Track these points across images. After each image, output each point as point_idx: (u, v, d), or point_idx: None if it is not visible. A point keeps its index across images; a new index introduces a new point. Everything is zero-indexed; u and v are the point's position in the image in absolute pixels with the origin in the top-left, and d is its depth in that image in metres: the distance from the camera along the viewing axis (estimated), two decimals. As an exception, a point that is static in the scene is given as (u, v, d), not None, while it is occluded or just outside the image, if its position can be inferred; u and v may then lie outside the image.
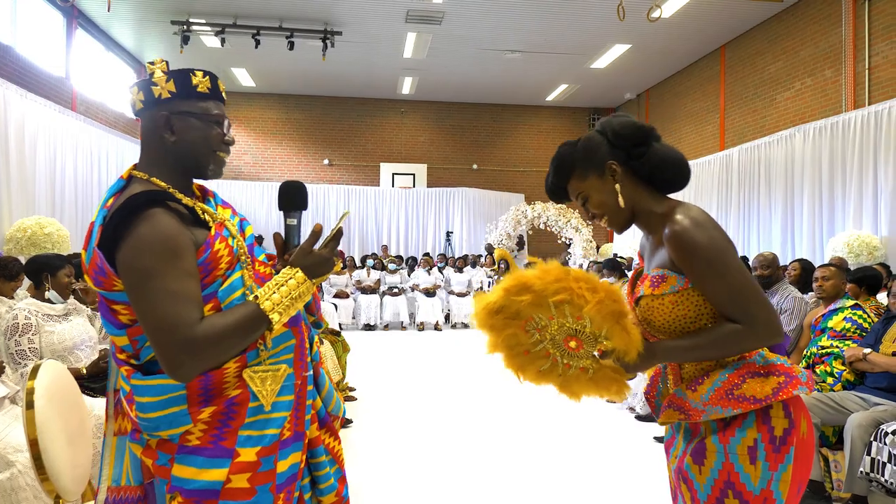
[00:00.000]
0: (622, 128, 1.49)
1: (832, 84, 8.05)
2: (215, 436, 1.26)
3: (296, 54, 10.28)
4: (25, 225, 5.97)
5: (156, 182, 1.34)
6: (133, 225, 1.22)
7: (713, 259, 1.34)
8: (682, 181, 1.49)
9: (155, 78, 1.35)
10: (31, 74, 7.92)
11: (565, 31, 9.88)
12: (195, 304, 1.24)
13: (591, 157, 1.50)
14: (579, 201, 1.55)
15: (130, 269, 1.22)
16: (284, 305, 1.30)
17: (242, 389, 1.28)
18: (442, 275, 11.10)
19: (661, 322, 1.46)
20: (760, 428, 1.35)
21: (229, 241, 1.35)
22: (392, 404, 5.45)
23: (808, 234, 7.44)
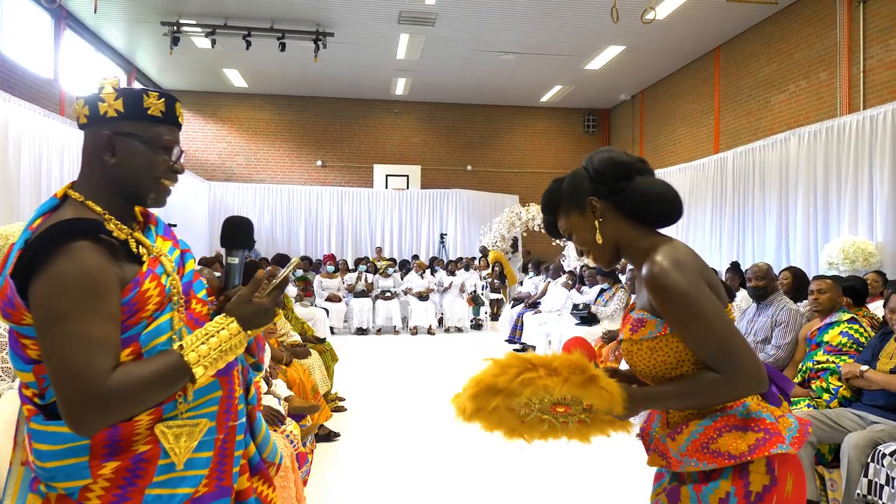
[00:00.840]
0: (601, 164, 1.45)
1: (827, 87, 8.00)
2: (118, 495, 1.15)
3: (288, 55, 10.18)
4: (7, 232, 5.82)
5: (90, 206, 1.23)
6: (52, 257, 1.11)
7: (690, 304, 1.28)
8: (670, 216, 1.44)
9: (103, 94, 1.25)
10: (17, 76, 7.81)
11: (559, 33, 9.81)
12: (109, 352, 1.13)
13: (573, 194, 1.48)
14: (566, 237, 1.54)
15: (42, 307, 1.11)
16: (212, 358, 1.19)
17: (153, 445, 1.17)
18: (434, 278, 11.02)
19: (642, 367, 1.42)
20: (735, 482, 1.29)
21: (162, 280, 1.24)
22: (383, 414, 5.36)
23: (803, 239, 7.38)
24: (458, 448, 4.48)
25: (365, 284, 10.57)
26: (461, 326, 10.71)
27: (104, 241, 1.18)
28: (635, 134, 13.75)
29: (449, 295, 10.84)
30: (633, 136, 13.88)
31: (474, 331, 10.85)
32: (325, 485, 3.73)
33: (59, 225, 1.15)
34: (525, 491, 3.71)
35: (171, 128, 1.31)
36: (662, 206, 1.43)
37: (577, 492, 3.72)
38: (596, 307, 6.91)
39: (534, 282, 10.31)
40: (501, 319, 10.68)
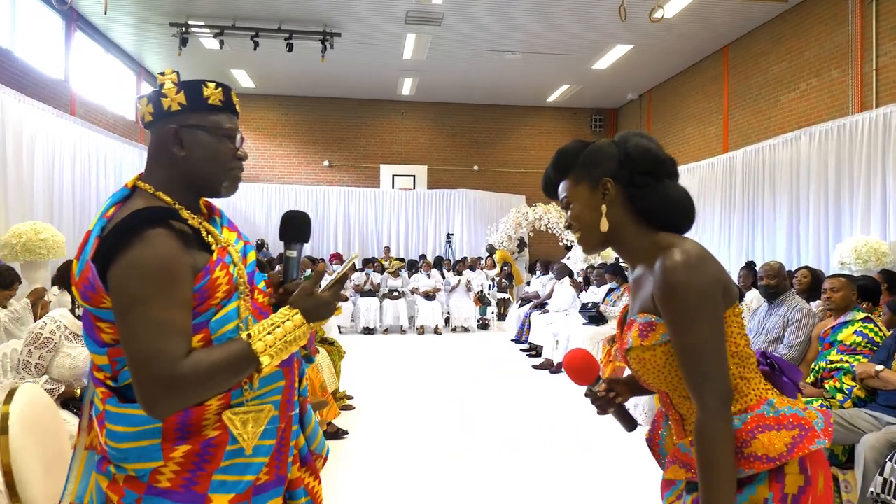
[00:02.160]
0: (636, 151, 1.34)
1: (838, 85, 7.94)
2: (187, 479, 1.18)
3: (295, 56, 10.20)
4: (20, 231, 5.90)
5: (161, 196, 1.27)
6: (131, 243, 1.15)
7: (690, 309, 1.19)
8: (681, 226, 1.35)
9: (165, 89, 1.28)
10: (29, 78, 7.85)
11: (566, 32, 9.79)
12: (183, 337, 1.16)
13: (591, 166, 1.37)
14: (562, 204, 1.44)
15: (121, 291, 1.14)
16: (277, 348, 1.22)
17: (222, 431, 1.20)
18: (442, 277, 11.02)
19: (654, 376, 1.31)
20: (773, 486, 1.20)
21: (230, 269, 1.27)
22: (391, 412, 5.36)
23: (815, 239, 7.33)
24: (465, 446, 4.47)
25: (371, 285, 10.58)
26: (468, 326, 10.70)
27: (178, 229, 1.21)
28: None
29: (455, 295, 10.84)
30: (641, 136, 13.82)
31: (481, 330, 10.84)
32: (334, 482, 3.73)
33: (137, 213, 1.18)
34: (533, 489, 3.70)
35: (231, 115, 1.34)
36: (679, 215, 1.34)
37: (586, 490, 3.71)
38: (604, 307, 6.89)
39: (541, 281, 10.29)
40: (508, 319, 10.67)
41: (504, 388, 6.42)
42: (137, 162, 9.71)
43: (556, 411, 5.50)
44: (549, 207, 12.18)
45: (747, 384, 1.28)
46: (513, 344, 9.25)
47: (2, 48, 7.36)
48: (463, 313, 10.66)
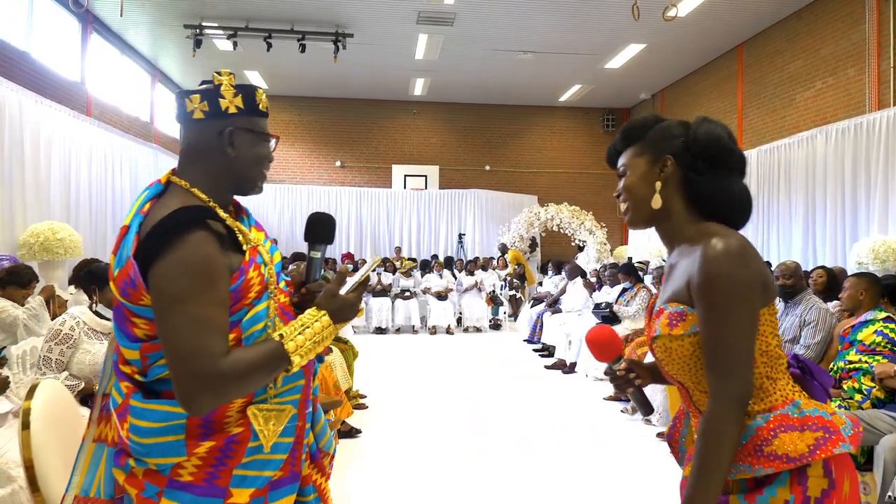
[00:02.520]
0: (704, 135, 1.32)
1: (855, 83, 7.86)
2: (209, 473, 1.20)
3: (307, 57, 10.25)
4: (38, 230, 5.97)
5: (196, 193, 1.30)
6: (174, 243, 1.17)
7: (726, 300, 1.17)
8: (735, 222, 1.32)
9: (223, 90, 1.32)
10: (46, 80, 7.95)
11: (579, 31, 9.76)
12: (223, 335, 1.19)
13: (658, 140, 1.36)
14: (618, 171, 1.42)
15: (163, 290, 1.17)
16: (307, 349, 1.26)
17: (245, 428, 1.23)
18: (454, 278, 11.02)
19: (678, 366, 1.29)
20: (794, 489, 1.17)
21: (261, 269, 1.30)
22: (403, 412, 5.37)
23: (831, 239, 7.25)
24: (478, 446, 4.47)
25: (382, 285, 10.60)
26: (480, 326, 10.70)
27: (215, 230, 1.24)
28: (656, 133, 13.62)
29: (467, 295, 10.83)
30: (653, 136, 13.74)
31: (493, 331, 10.83)
32: (347, 479, 3.74)
33: (179, 213, 1.20)
34: (545, 489, 3.69)
35: (266, 120, 1.41)
36: (732, 210, 1.32)
37: (598, 490, 3.69)
38: (618, 307, 6.86)
39: (553, 281, 10.26)
40: (520, 319, 10.65)
41: (516, 388, 6.41)
42: (152, 162, 9.79)
43: (569, 411, 5.48)
44: (561, 208, 12.14)
45: (773, 384, 1.25)
46: (525, 344, 9.24)
47: (19, 50, 7.45)
48: (475, 313, 10.66)
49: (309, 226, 1.47)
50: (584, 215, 12.00)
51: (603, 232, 11.94)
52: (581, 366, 7.03)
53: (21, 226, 6.19)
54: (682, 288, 1.27)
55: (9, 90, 6.20)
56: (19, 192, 6.28)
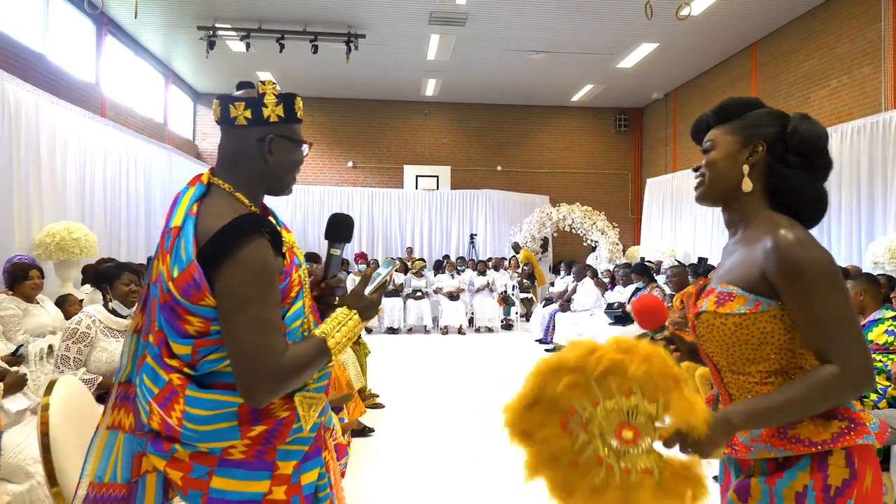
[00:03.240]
0: (807, 130, 1.34)
1: (871, 81, 7.78)
2: (259, 450, 1.32)
3: (320, 57, 10.29)
4: (54, 230, 6.04)
5: (239, 197, 1.38)
6: (239, 249, 1.26)
7: (822, 282, 1.20)
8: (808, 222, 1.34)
9: (266, 99, 1.39)
10: (62, 81, 8.05)
11: (591, 31, 9.73)
12: (281, 334, 1.31)
13: (755, 124, 1.37)
14: (704, 146, 1.44)
15: (231, 293, 1.26)
16: (343, 344, 1.39)
17: (290, 412, 1.34)
18: (453, 277, 11.02)
19: (719, 343, 1.32)
20: (814, 474, 1.19)
21: (298, 270, 1.42)
22: (416, 411, 5.38)
23: (846, 239, 7.18)
24: (490, 446, 4.47)
25: (394, 285, 10.61)
26: (491, 326, 10.69)
27: (269, 234, 1.32)
28: (668, 133, 13.56)
29: (479, 295, 10.83)
30: (665, 136, 13.69)
31: (505, 331, 10.81)
32: (360, 478, 3.75)
33: (242, 220, 1.29)
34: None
35: (301, 125, 1.49)
36: (810, 210, 1.34)
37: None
38: (630, 306, 6.83)
39: (565, 281, 10.23)
40: (532, 319, 10.63)
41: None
42: (165, 163, 9.86)
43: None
44: (573, 208, 12.11)
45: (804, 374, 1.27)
46: (537, 344, 9.22)
47: (36, 52, 7.55)
48: (487, 313, 10.65)
49: (330, 225, 1.57)
50: (596, 215, 11.95)
51: (615, 232, 11.90)
52: (593, 366, 6.99)
53: (37, 226, 6.26)
54: (743, 273, 1.30)
55: (25, 91, 6.27)
56: (35, 192, 6.35)
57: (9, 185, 5.90)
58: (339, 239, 1.57)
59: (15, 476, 2.62)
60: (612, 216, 12.61)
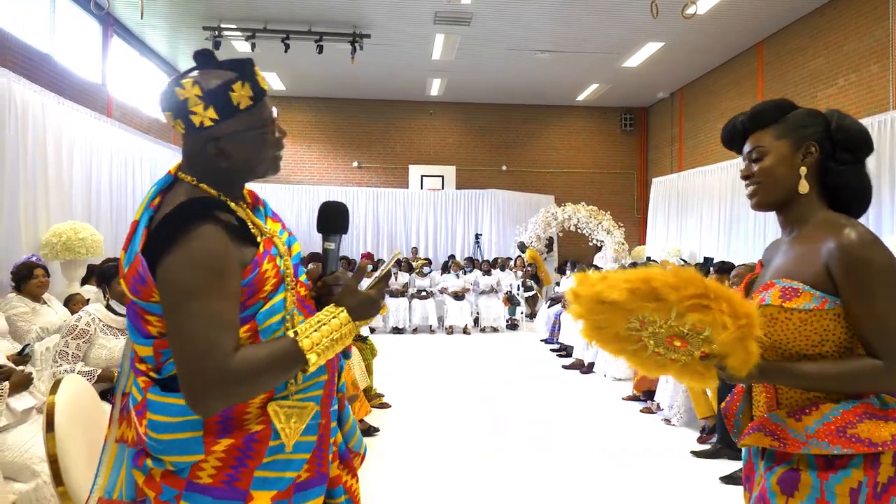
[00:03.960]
0: (853, 126, 1.38)
1: (878, 80, 7.73)
2: (229, 475, 1.15)
3: (325, 58, 10.30)
4: (60, 230, 6.06)
5: (204, 188, 1.24)
6: (181, 237, 1.13)
7: (884, 282, 1.24)
8: (856, 212, 1.39)
9: (191, 106, 1.20)
10: (68, 81, 8.07)
11: (596, 30, 9.70)
12: (233, 331, 1.15)
13: (798, 126, 1.40)
14: (751, 155, 1.43)
15: (172, 284, 1.13)
16: (324, 346, 1.20)
17: (265, 426, 1.18)
18: (469, 277, 11.01)
19: (780, 337, 1.33)
20: (868, 471, 1.23)
21: (276, 261, 1.26)
22: (421, 411, 5.38)
23: (854, 237, 7.15)
24: (495, 446, 4.46)
25: (400, 285, 10.62)
26: (497, 326, 10.68)
27: (226, 222, 1.19)
28: (674, 132, 13.51)
29: (484, 294, 10.82)
30: (671, 135, 13.64)
31: (510, 331, 10.80)
32: (364, 478, 3.75)
33: (186, 205, 1.16)
34: (563, 490, 3.67)
35: (263, 101, 1.26)
36: (860, 201, 1.39)
37: (617, 491, 3.66)
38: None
39: (571, 281, 10.20)
40: (537, 319, 10.61)
41: (534, 388, 6.38)
42: (172, 162, 9.78)
43: (587, 411, 5.44)
44: (579, 207, 12.08)
45: None
46: (542, 344, 9.20)
47: (42, 53, 7.58)
48: (492, 313, 10.64)
49: (321, 216, 1.41)
50: (601, 215, 11.93)
51: (620, 232, 11.87)
52: (599, 366, 6.98)
53: (44, 226, 6.29)
54: (806, 270, 1.33)
55: (32, 92, 6.30)
56: (42, 192, 6.38)
57: (16, 185, 5.92)
58: (334, 230, 1.40)
59: (21, 475, 2.63)
60: (617, 216, 12.58)
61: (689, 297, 1.18)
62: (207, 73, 1.24)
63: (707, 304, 1.17)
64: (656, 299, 1.20)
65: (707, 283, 1.20)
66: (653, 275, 1.21)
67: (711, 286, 1.19)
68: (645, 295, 1.20)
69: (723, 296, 1.18)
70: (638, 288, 1.21)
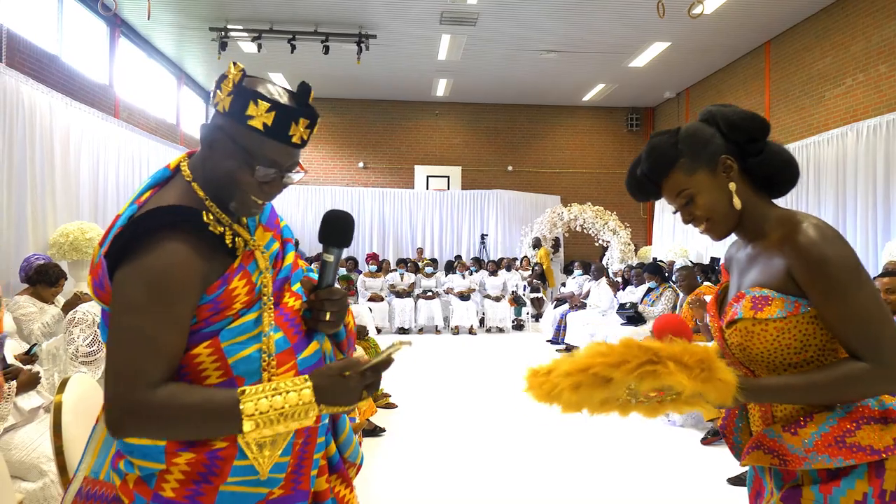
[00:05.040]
0: (740, 119, 1.31)
1: (886, 80, 7.68)
2: (192, 490, 1.09)
3: (331, 58, 10.32)
4: (68, 230, 6.09)
5: (195, 188, 1.18)
6: (143, 247, 1.07)
7: (849, 279, 1.17)
8: (791, 183, 1.33)
9: (223, 84, 1.16)
10: (76, 83, 8.11)
11: (602, 30, 9.68)
12: (164, 361, 1.06)
13: (700, 149, 1.31)
14: (680, 201, 1.34)
15: (118, 296, 1.08)
16: (268, 418, 1.06)
17: (229, 443, 1.08)
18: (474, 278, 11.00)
19: (759, 350, 1.26)
20: (873, 481, 1.16)
21: (252, 277, 1.17)
22: (426, 411, 5.38)
23: (862, 237, 7.11)
24: (499, 446, 4.45)
25: (406, 285, 10.62)
26: (503, 327, 10.67)
27: (198, 234, 1.12)
28: (681, 132, 13.47)
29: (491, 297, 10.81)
30: (678, 135, 13.59)
31: (516, 331, 10.79)
32: (371, 478, 3.75)
33: (156, 213, 1.11)
34: (568, 491, 3.66)
35: (280, 144, 1.16)
36: (794, 173, 1.32)
37: (623, 492, 3.65)
38: (643, 307, 6.79)
39: (577, 282, 10.19)
40: (543, 320, 10.60)
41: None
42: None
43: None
44: (585, 208, 12.06)
45: None
46: (548, 345, 9.19)
47: (50, 54, 7.62)
48: (498, 314, 10.63)
49: (323, 226, 1.30)
50: (607, 215, 11.90)
51: (627, 232, 11.84)
52: (604, 367, 6.96)
53: (51, 226, 6.32)
54: (772, 276, 1.26)
55: (39, 93, 6.33)
56: (50, 192, 6.41)
57: (23, 186, 5.95)
58: (335, 243, 1.29)
59: (28, 474, 2.64)
60: (623, 216, 12.55)
61: (634, 368, 1.13)
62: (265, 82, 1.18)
63: (655, 370, 1.12)
64: (604, 382, 1.15)
65: (648, 349, 1.14)
66: (590, 361, 1.16)
67: (653, 349, 1.14)
68: (591, 383, 1.15)
69: (667, 356, 1.13)
70: (580, 381, 1.16)
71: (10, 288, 5.29)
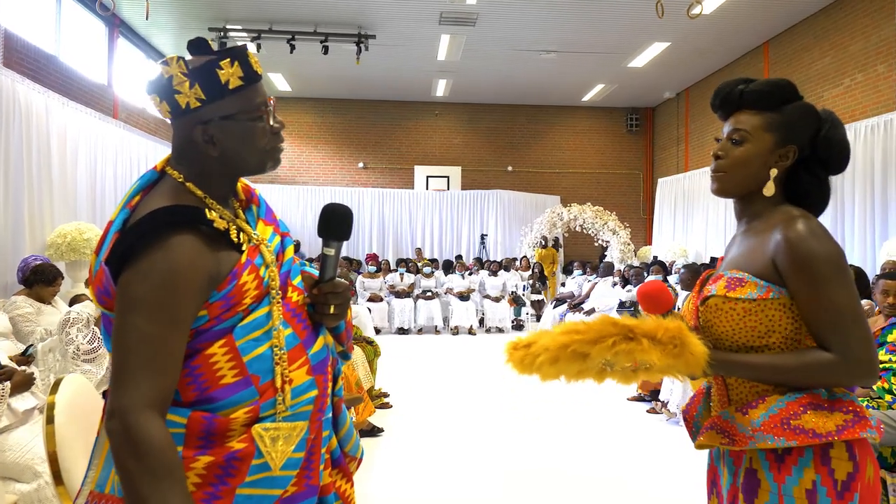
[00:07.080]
0: (840, 141, 1.34)
1: (885, 80, 7.68)
2: (209, 493, 1.08)
3: (330, 58, 10.32)
4: (65, 231, 6.09)
5: (191, 188, 1.15)
6: (147, 249, 1.05)
7: (833, 275, 1.22)
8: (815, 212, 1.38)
9: (175, 84, 1.11)
10: (74, 83, 8.11)
11: (602, 30, 9.68)
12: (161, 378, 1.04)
13: (790, 124, 1.33)
14: (731, 134, 1.36)
15: (122, 296, 1.06)
16: None
17: (248, 443, 1.09)
18: (474, 279, 11.00)
19: (723, 329, 1.31)
20: (819, 469, 1.19)
21: (260, 271, 1.15)
22: (425, 411, 5.37)
23: (860, 237, 7.11)
24: (499, 446, 4.45)
25: (406, 286, 10.62)
26: (502, 327, 10.66)
27: (203, 231, 1.10)
28: (680, 133, 13.47)
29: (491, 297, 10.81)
30: (677, 135, 13.59)
31: (515, 331, 10.78)
32: (369, 478, 3.75)
33: (158, 214, 1.08)
34: (567, 491, 3.66)
35: (255, 86, 1.17)
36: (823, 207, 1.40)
37: (623, 491, 3.64)
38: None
39: (576, 282, 10.18)
40: (543, 320, 10.59)
41: (539, 388, 6.35)
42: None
43: (592, 412, 5.43)
44: (584, 208, 12.06)
45: None
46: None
47: (48, 54, 7.62)
48: (497, 314, 10.62)
49: (322, 220, 1.29)
50: (607, 215, 11.90)
51: (626, 232, 11.83)
52: (603, 367, 6.96)
53: (49, 226, 6.32)
54: (753, 261, 1.31)
55: (37, 93, 6.33)
56: (47, 193, 6.41)
57: (21, 186, 5.95)
58: (335, 237, 1.29)
59: (23, 475, 2.64)
60: (623, 216, 12.54)
61: (609, 346, 1.17)
62: (196, 56, 1.17)
63: (629, 347, 1.17)
64: (583, 357, 1.19)
65: (624, 325, 1.19)
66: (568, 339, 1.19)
67: (629, 326, 1.19)
68: (569, 358, 1.19)
69: (641, 333, 1.18)
70: (558, 356, 1.20)
71: (7, 289, 5.29)
